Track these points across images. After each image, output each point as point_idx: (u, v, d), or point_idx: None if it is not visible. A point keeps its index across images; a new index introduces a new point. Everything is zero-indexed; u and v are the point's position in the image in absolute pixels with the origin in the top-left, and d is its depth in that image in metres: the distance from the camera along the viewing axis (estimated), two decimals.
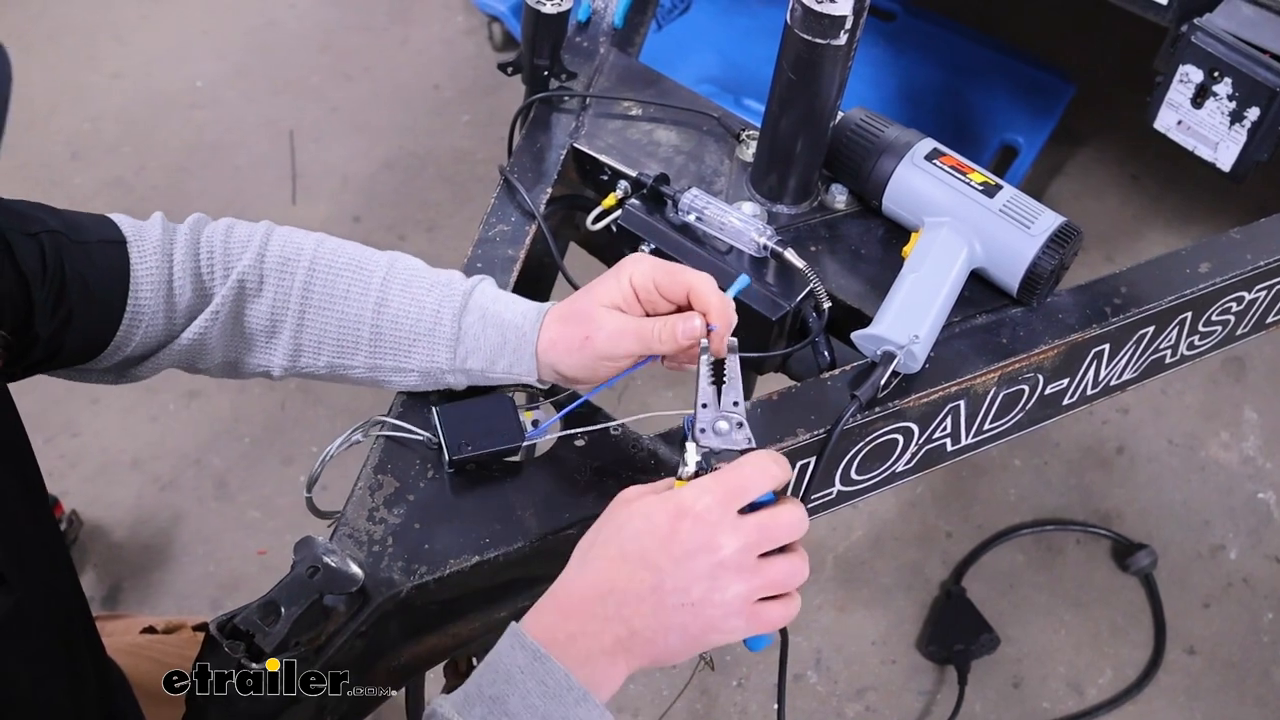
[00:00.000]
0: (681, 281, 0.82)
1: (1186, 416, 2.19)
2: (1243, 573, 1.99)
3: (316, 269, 0.88)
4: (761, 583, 0.70)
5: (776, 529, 0.70)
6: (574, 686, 0.67)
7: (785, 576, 0.71)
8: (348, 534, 0.85)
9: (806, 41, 0.97)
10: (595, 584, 0.70)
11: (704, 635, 0.70)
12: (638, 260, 0.84)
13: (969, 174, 1.03)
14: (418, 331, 0.87)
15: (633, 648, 0.69)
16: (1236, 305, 1.13)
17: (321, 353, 0.89)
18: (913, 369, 0.96)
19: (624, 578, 0.69)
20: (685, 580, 0.68)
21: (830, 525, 2.01)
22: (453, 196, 2.51)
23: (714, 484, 0.70)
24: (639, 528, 0.70)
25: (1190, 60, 1.19)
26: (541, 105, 1.19)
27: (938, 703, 1.84)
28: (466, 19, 2.90)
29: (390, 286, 0.88)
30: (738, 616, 0.69)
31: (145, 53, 2.79)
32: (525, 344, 0.87)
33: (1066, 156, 2.56)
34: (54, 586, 0.81)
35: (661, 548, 0.69)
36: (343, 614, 0.79)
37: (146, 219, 0.88)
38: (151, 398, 2.14)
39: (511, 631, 0.70)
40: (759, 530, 0.69)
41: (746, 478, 0.70)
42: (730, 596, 0.69)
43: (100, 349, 0.84)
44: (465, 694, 0.69)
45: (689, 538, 0.68)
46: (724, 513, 0.69)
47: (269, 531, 1.99)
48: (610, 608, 0.69)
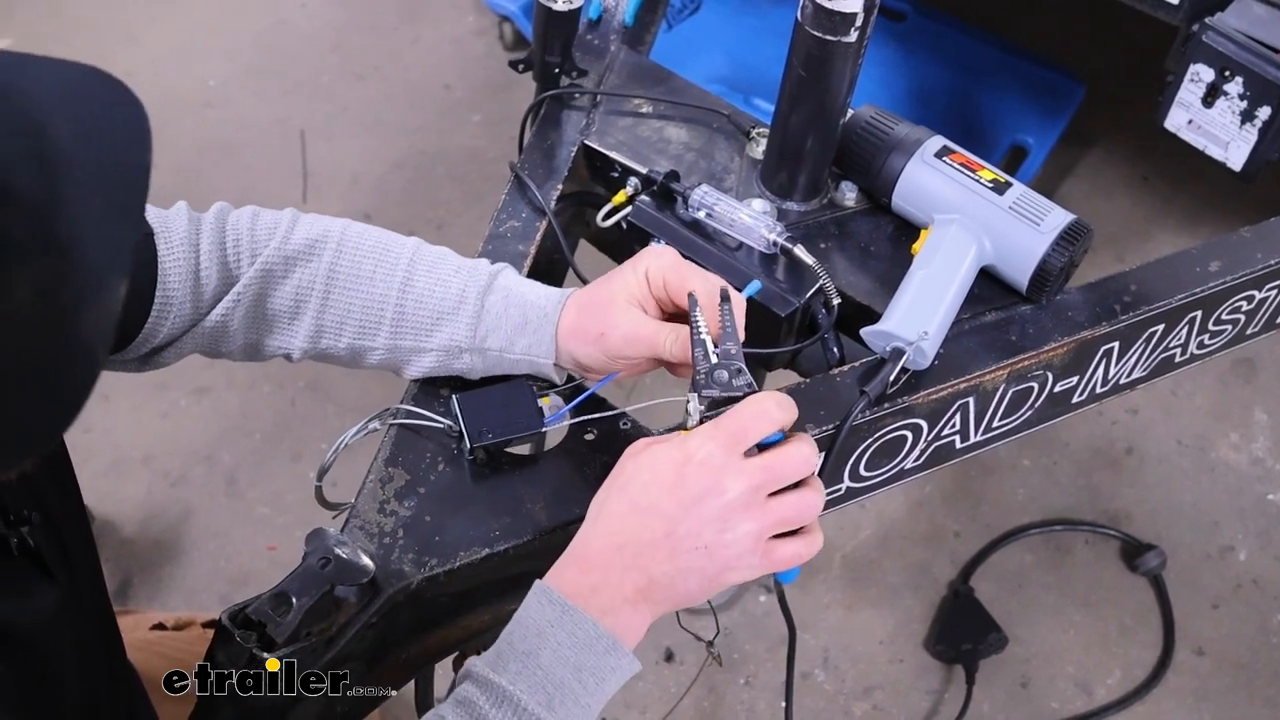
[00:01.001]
0: (684, 281, 0.83)
1: (1196, 417, 2.18)
2: (1252, 574, 1.99)
3: (343, 250, 0.89)
4: (771, 520, 0.72)
5: (782, 467, 0.72)
6: (603, 635, 0.70)
7: (795, 513, 0.73)
8: (359, 526, 0.85)
9: (817, 38, 0.97)
10: (610, 536, 0.72)
11: (721, 575, 0.72)
12: (657, 254, 0.85)
13: (979, 171, 1.03)
14: (442, 310, 0.88)
15: (653, 594, 0.72)
16: (1247, 304, 1.13)
17: (343, 333, 0.89)
18: (922, 365, 0.96)
19: (637, 527, 0.72)
20: (696, 525, 0.71)
21: (838, 524, 2.01)
22: (463, 195, 2.52)
23: (715, 429, 0.72)
24: (647, 479, 0.73)
25: (1201, 59, 1.19)
26: (552, 102, 1.20)
27: (945, 702, 1.84)
28: (477, 19, 2.91)
29: (416, 267, 0.89)
30: (751, 554, 0.72)
31: (156, 52, 2.81)
32: (546, 324, 0.87)
33: (1077, 157, 2.56)
34: (91, 582, 0.82)
35: (670, 495, 0.71)
36: (354, 605, 0.80)
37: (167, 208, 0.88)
38: (162, 394, 2.15)
39: (538, 589, 0.72)
40: (764, 471, 0.72)
41: (746, 420, 0.72)
42: (741, 535, 0.71)
43: (130, 340, 0.85)
44: (497, 651, 0.71)
45: (695, 483, 0.71)
46: (727, 456, 0.71)
47: (278, 528, 2.00)
48: (627, 558, 0.71)
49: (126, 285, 0.52)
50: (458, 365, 0.90)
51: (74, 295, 0.50)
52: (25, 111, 0.51)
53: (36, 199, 0.49)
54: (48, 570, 0.72)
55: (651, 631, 0.73)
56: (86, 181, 0.50)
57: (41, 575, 0.72)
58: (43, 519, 0.73)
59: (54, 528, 0.74)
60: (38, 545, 0.72)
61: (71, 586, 0.75)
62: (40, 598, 0.71)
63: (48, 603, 0.72)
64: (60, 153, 0.50)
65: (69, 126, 0.52)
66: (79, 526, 0.81)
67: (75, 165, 0.50)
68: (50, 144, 0.50)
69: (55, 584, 0.73)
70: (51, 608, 0.72)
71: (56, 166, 0.50)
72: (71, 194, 0.50)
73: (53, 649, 0.72)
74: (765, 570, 0.74)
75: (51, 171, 0.49)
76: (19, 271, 0.48)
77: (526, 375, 0.91)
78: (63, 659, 0.74)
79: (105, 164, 0.52)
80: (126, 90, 0.55)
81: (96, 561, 0.85)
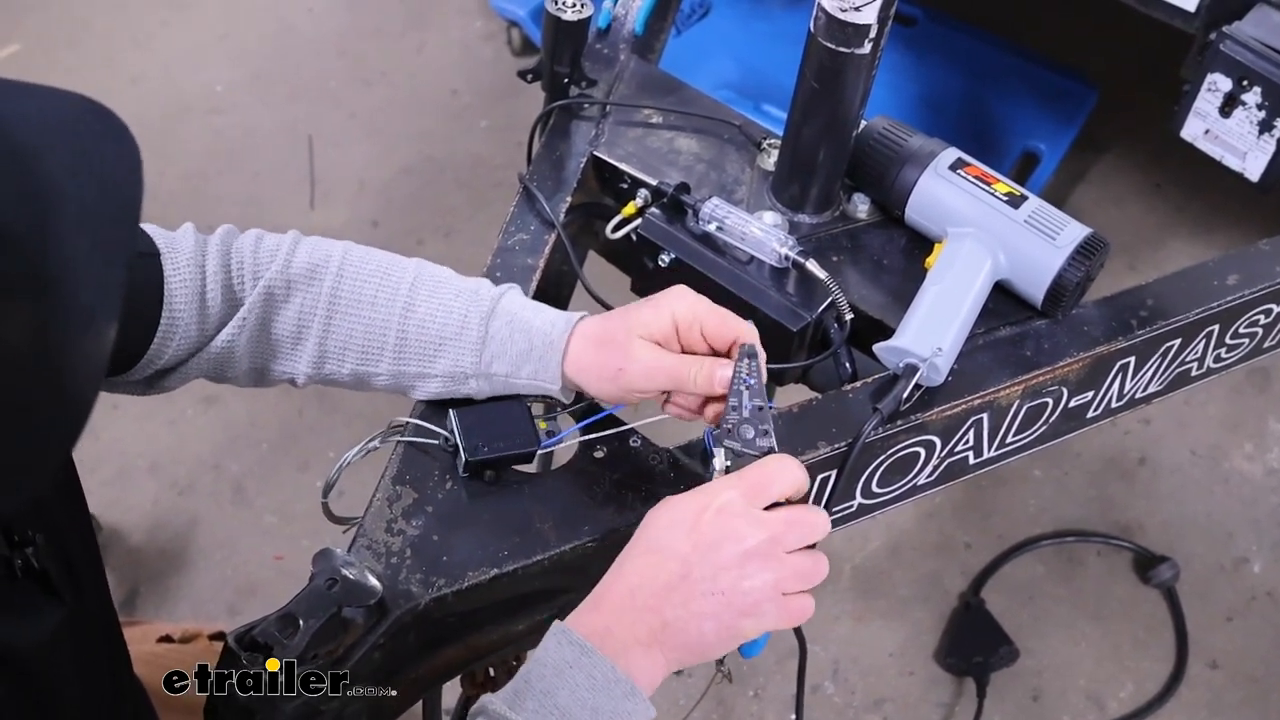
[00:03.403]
0: (731, 328, 0.82)
1: (1210, 428, 2.16)
2: (1266, 586, 1.97)
3: (344, 275, 0.88)
4: (789, 573, 0.72)
5: (801, 525, 0.72)
6: (621, 679, 0.69)
7: (810, 569, 0.73)
8: (366, 546, 0.84)
9: (830, 50, 0.96)
10: (626, 579, 0.72)
11: (737, 623, 0.71)
12: (682, 294, 0.84)
13: (993, 184, 1.02)
14: (444, 336, 0.87)
15: (667, 639, 0.71)
16: (1264, 318, 1.12)
17: (346, 359, 0.88)
18: (935, 382, 0.95)
19: (652, 569, 0.71)
20: (711, 569, 0.70)
21: (848, 535, 1.99)
22: (470, 202, 2.51)
23: (738, 479, 0.73)
24: (664, 523, 0.73)
25: (1219, 69, 1.18)
26: (561, 113, 1.19)
27: (956, 715, 1.82)
28: (484, 24, 2.90)
29: (417, 292, 0.88)
30: (769, 603, 0.71)
31: (164, 57, 2.81)
32: (552, 352, 0.86)
33: (1089, 163, 2.54)
34: (98, 599, 0.81)
35: (687, 538, 0.71)
36: (361, 626, 0.79)
37: (168, 225, 0.88)
38: (169, 403, 2.14)
39: (556, 629, 0.71)
40: (785, 524, 0.72)
41: (770, 474, 0.73)
42: (759, 584, 0.71)
43: (134, 361, 0.84)
44: (514, 690, 0.70)
45: (712, 528, 0.71)
46: (748, 505, 0.72)
47: (285, 537, 2.00)
48: (641, 599, 0.71)
49: (115, 329, 0.50)
50: (464, 390, 0.89)
51: (62, 334, 0.49)
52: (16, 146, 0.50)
53: (28, 237, 0.48)
54: (53, 591, 0.72)
55: None
56: (76, 217, 0.49)
57: (46, 596, 0.71)
58: (48, 538, 0.72)
59: (60, 546, 0.73)
60: (42, 566, 0.71)
61: (78, 606, 0.74)
62: (43, 619, 0.71)
63: (50, 624, 0.71)
64: (51, 187, 0.49)
65: (59, 158, 0.50)
66: (86, 544, 0.80)
67: (67, 199, 0.49)
68: (40, 178, 0.49)
69: (60, 604, 0.72)
70: (53, 629, 0.71)
71: (48, 201, 0.49)
72: (61, 230, 0.49)
73: (54, 670, 0.71)
74: (780, 623, 0.73)
75: (42, 208, 0.48)
76: (9, 309, 0.47)
77: (541, 395, 0.90)
78: (65, 680, 0.73)
79: (96, 199, 0.51)
80: (118, 120, 0.54)
81: (103, 577, 0.84)
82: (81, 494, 0.81)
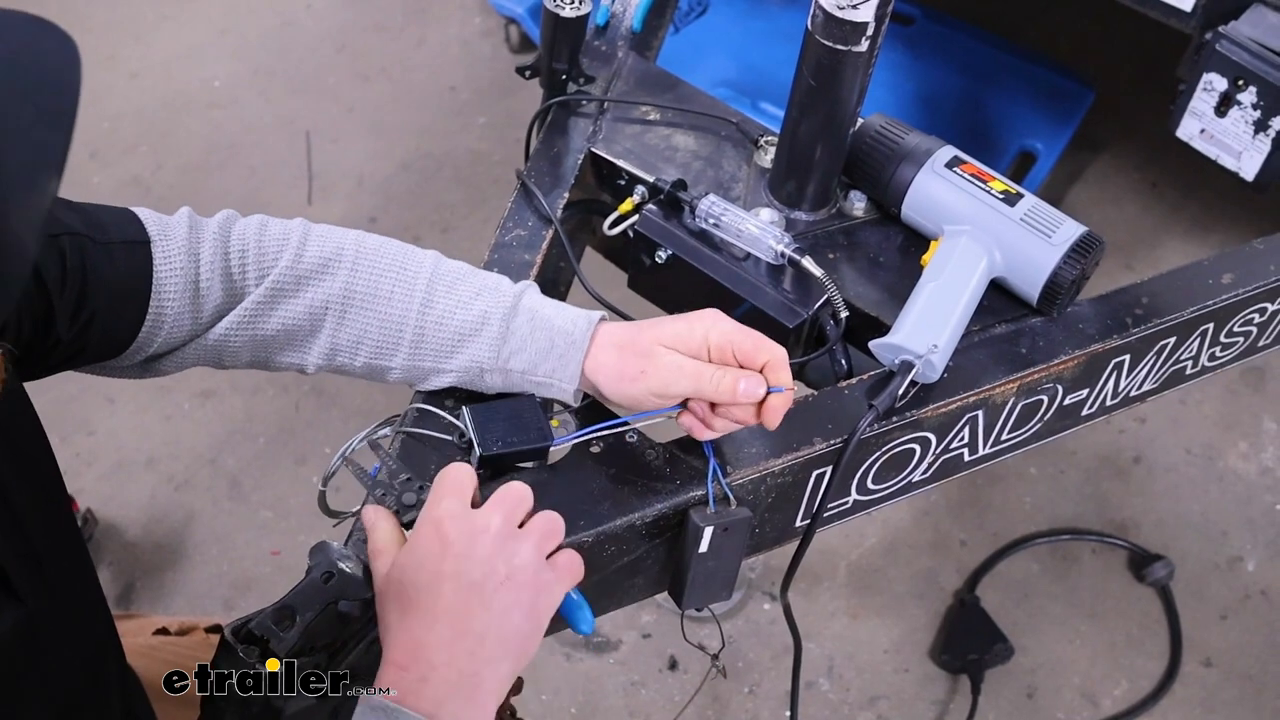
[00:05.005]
0: (764, 350, 0.82)
1: (1205, 426, 2.17)
2: (1261, 584, 1.97)
3: (359, 268, 0.87)
4: (537, 536, 0.74)
5: (509, 498, 0.75)
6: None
7: (549, 525, 0.76)
8: (362, 539, 0.84)
9: (827, 48, 0.96)
10: (412, 629, 0.71)
11: (535, 601, 0.73)
12: (717, 318, 0.84)
13: (990, 182, 1.02)
14: (463, 332, 0.86)
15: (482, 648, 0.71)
16: (1259, 316, 1.12)
17: (359, 353, 0.88)
18: (931, 379, 0.95)
19: (430, 600, 0.71)
20: (485, 566, 0.72)
21: (843, 532, 2.00)
22: (468, 198, 2.52)
23: (431, 501, 0.76)
24: (407, 562, 0.73)
25: (1215, 68, 1.18)
26: (559, 109, 1.19)
27: (950, 712, 1.83)
28: (483, 20, 2.90)
29: (436, 287, 0.87)
30: (544, 570, 0.74)
31: (163, 53, 2.81)
32: (574, 351, 0.86)
33: (1085, 163, 2.55)
34: (77, 597, 0.81)
35: (444, 556, 0.72)
36: (357, 619, 0.79)
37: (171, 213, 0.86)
38: (166, 397, 2.15)
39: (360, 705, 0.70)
40: (500, 503, 0.75)
41: (451, 478, 0.76)
42: (526, 556, 0.73)
43: (123, 348, 0.83)
44: None
45: (457, 535, 0.72)
46: (462, 506, 0.74)
47: (282, 532, 2.00)
48: (444, 631, 0.70)
49: (59, 181, 0.54)
50: (478, 383, 0.89)
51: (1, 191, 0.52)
52: None
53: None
54: (12, 593, 0.71)
55: (655, 640, 0.72)
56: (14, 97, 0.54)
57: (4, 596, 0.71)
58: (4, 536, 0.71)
59: (22, 541, 0.72)
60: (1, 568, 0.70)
61: (45, 604, 0.73)
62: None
63: (4, 626, 0.70)
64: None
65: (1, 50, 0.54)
66: (60, 539, 0.79)
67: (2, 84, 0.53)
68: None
69: (18, 605, 0.71)
70: (9, 631, 0.70)
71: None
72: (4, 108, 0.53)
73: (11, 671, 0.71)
74: (566, 585, 0.76)
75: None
76: None
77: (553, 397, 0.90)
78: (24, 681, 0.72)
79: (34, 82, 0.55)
80: (55, 26, 0.57)
81: (87, 571, 0.83)
82: (57, 487, 0.80)
